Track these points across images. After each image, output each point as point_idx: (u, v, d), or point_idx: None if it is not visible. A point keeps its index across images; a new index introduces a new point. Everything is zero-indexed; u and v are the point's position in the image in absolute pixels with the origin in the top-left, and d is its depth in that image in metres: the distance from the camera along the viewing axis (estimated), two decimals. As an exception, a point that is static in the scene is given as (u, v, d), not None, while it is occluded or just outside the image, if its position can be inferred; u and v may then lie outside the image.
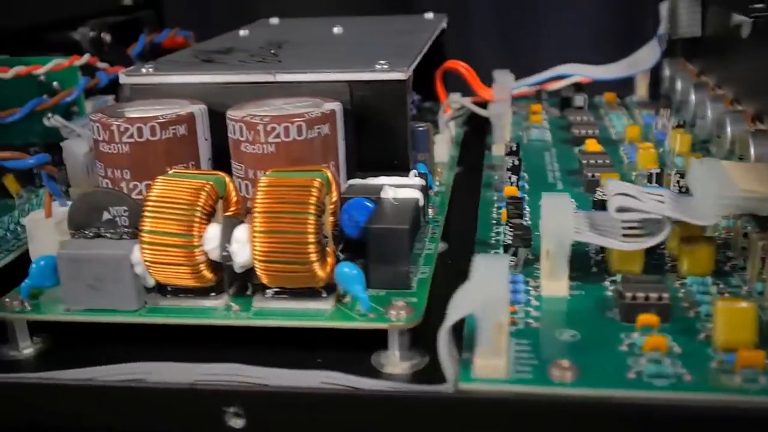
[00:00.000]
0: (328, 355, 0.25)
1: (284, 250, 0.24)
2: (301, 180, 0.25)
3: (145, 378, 0.23)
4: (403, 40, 0.40)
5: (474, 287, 0.21)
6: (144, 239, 0.25)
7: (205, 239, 0.25)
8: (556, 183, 0.37)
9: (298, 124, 0.28)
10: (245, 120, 0.28)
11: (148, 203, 0.25)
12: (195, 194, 0.25)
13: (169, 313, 0.26)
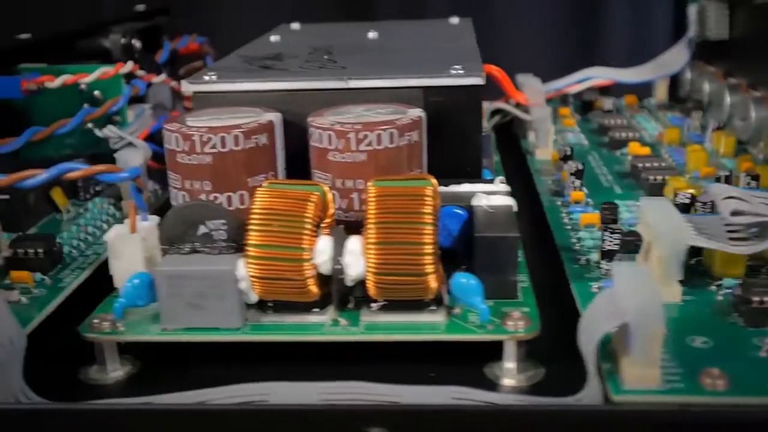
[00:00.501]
0: (434, 368, 0.25)
1: (400, 261, 0.23)
2: (413, 189, 0.24)
3: (265, 399, 0.22)
4: (454, 44, 0.40)
5: (622, 296, 0.20)
6: (251, 253, 0.24)
7: (317, 252, 0.24)
8: (612, 186, 0.37)
9: (390, 131, 0.27)
10: (335, 128, 0.27)
11: (253, 216, 0.24)
12: (303, 205, 0.24)
13: (273, 329, 0.25)
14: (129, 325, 0.25)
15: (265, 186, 0.25)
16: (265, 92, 0.31)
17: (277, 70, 0.34)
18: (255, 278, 0.24)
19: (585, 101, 0.52)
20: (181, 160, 0.28)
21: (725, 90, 0.44)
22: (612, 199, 0.35)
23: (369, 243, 0.24)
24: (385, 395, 0.22)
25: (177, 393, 0.23)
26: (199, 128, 0.28)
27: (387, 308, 0.25)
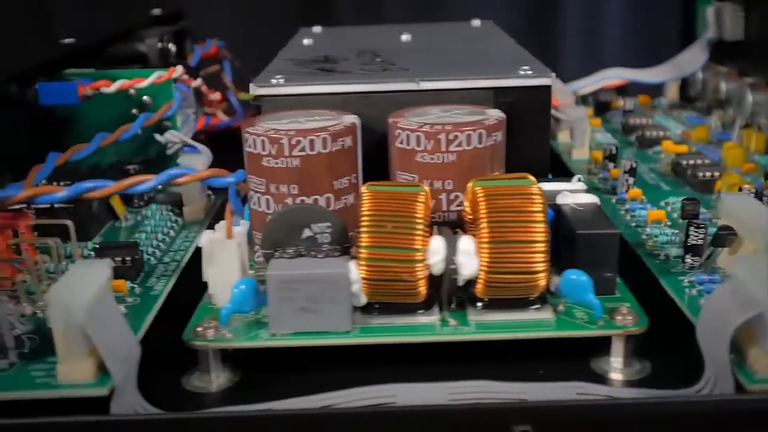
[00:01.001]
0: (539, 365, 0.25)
1: (513, 260, 0.24)
2: (521, 188, 0.25)
3: (391, 401, 0.22)
4: (496, 46, 0.40)
5: (753, 287, 0.21)
6: (363, 255, 0.24)
7: (431, 252, 0.24)
8: (659, 184, 0.38)
9: (479, 132, 0.28)
10: (424, 129, 0.27)
11: (364, 218, 0.24)
12: (414, 206, 0.24)
13: (384, 331, 0.25)
14: (234, 332, 0.25)
15: (370, 188, 0.25)
16: (335, 95, 0.31)
17: (340, 73, 0.34)
18: (367, 280, 0.24)
19: (601, 101, 0.54)
20: (266, 163, 0.28)
21: (747, 89, 0.46)
22: (662, 195, 0.37)
23: (482, 242, 0.24)
24: (510, 393, 0.23)
25: (299, 398, 0.23)
26: (287, 131, 0.28)
27: (490, 307, 0.25)
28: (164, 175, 0.24)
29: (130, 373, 0.22)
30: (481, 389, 0.23)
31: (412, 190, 0.25)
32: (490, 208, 0.24)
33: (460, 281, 0.24)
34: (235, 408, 0.22)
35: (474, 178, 0.26)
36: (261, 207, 0.29)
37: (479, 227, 0.24)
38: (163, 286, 0.27)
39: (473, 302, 0.25)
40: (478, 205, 0.24)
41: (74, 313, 0.21)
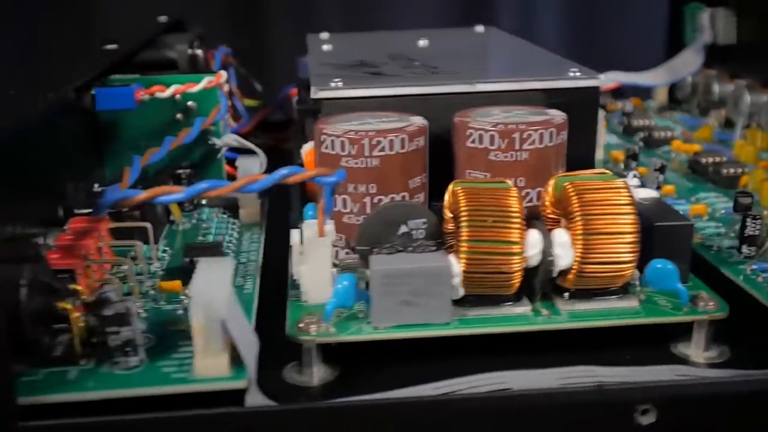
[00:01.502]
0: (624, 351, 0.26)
1: (606, 251, 0.25)
2: (608, 183, 0.26)
3: (504, 387, 0.23)
4: (521, 50, 0.42)
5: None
6: (464, 249, 0.25)
7: (528, 245, 0.25)
8: (681, 181, 0.40)
9: (550, 131, 0.29)
10: (498, 129, 0.29)
11: (463, 213, 0.25)
12: (509, 201, 0.25)
13: (481, 323, 0.25)
14: (336, 326, 0.25)
15: (463, 185, 0.26)
16: (395, 97, 0.32)
17: (391, 76, 0.34)
18: (468, 273, 0.25)
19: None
20: (345, 163, 0.28)
21: (744, 90, 0.48)
22: (688, 192, 0.39)
23: (577, 234, 0.25)
24: (617, 376, 0.24)
25: (414, 387, 0.23)
26: (367, 132, 0.28)
27: (576, 297, 0.26)
28: (277, 174, 0.24)
29: (254, 368, 0.22)
30: (587, 374, 0.24)
31: (503, 186, 0.26)
32: (582, 202, 0.25)
33: (554, 272, 0.26)
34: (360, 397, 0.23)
35: (554, 175, 0.27)
36: (337, 207, 0.29)
37: (573, 221, 0.25)
38: (253, 285, 0.28)
39: (559, 293, 0.27)
40: (569, 200, 0.25)
41: (215, 309, 0.21)
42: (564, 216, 0.26)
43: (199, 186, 0.23)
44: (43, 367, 0.22)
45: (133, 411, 0.21)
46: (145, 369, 0.22)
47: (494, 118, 0.30)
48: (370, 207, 0.29)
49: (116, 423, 0.21)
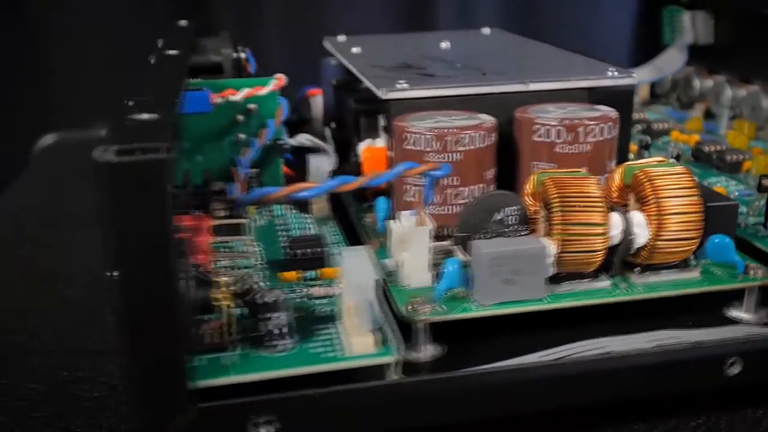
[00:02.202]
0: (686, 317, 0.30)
1: (677, 228, 0.28)
2: (673, 169, 0.29)
3: (607, 350, 0.26)
4: (545, 51, 0.45)
5: None
6: (557, 232, 0.28)
7: (612, 226, 0.28)
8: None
9: (609, 125, 0.32)
10: (565, 123, 0.32)
11: (555, 201, 0.28)
12: (592, 187, 0.28)
13: (570, 297, 0.28)
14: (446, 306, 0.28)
15: (549, 175, 0.29)
16: (459, 97, 0.35)
17: (447, 77, 0.37)
18: (561, 254, 0.28)
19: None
20: (429, 158, 0.31)
21: (725, 85, 0.53)
22: (699, 178, 0.42)
23: (652, 216, 0.28)
24: (699, 337, 0.27)
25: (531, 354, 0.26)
26: (450, 129, 0.31)
27: (645, 271, 0.30)
28: (399, 168, 0.27)
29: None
30: (672, 336, 0.27)
31: (584, 175, 0.29)
32: (654, 187, 0.29)
33: (632, 250, 0.29)
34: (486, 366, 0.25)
35: (622, 165, 0.30)
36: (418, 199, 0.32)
37: (647, 203, 0.29)
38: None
39: (630, 268, 0.30)
40: (642, 186, 0.29)
41: (365, 292, 0.23)
42: (637, 200, 0.29)
43: (331, 183, 0.25)
44: (198, 354, 0.24)
45: (285, 390, 0.24)
46: (298, 351, 0.24)
47: (554, 114, 0.33)
48: (451, 198, 0.32)
49: (295, 398, 0.23)
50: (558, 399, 0.26)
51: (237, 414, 0.23)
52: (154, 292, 0.20)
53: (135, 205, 0.20)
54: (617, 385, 0.26)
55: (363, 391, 0.24)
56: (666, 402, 0.28)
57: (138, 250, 0.20)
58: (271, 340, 0.24)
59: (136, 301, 0.21)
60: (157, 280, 0.20)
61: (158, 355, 0.21)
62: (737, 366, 0.26)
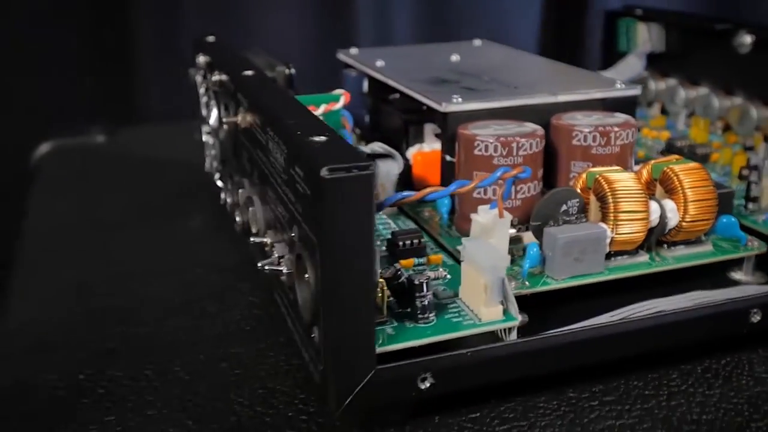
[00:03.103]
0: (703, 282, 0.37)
1: (700, 212, 0.36)
2: (690, 165, 0.37)
3: (659, 310, 0.33)
4: (542, 62, 0.52)
5: None
6: (612, 218, 0.34)
7: (652, 212, 0.35)
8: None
9: (633, 130, 0.39)
10: (599, 130, 0.39)
11: (609, 193, 0.35)
12: (636, 182, 0.35)
13: (623, 269, 0.35)
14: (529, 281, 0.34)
15: (599, 173, 0.36)
16: (501, 108, 0.41)
17: (487, 91, 0.43)
18: (616, 236, 0.35)
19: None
20: (496, 162, 0.37)
21: (679, 87, 0.62)
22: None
23: (680, 203, 0.36)
24: (725, 294, 0.35)
25: (601, 315, 0.33)
26: (514, 136, 0.37)
27: (671, 246, 0.37)
28: (498, 172, 0.33)
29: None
30: (703, 296, 0.35)
31: (624, 172, 0.36)
32: (680, 179, 0.36)
33: (666, 230, 0.36)
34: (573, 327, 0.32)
35: (649, 163, 0.38)
36: (487, 194, 0.38)
37: (675, 193, 0.36)
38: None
39: (662, 245, 0.37)
40: (671, 180, 0.36)
41: (499, 270, 0.29)
42: (666, 190, 0.37)
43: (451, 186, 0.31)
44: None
45: (427, 354, 0.29)
46: (441, 321, 0.30)
47: (585, 122, 0.40)
48: (513, 194, 0.38)
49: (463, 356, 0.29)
50: (624, 349, 0.33)
51: (405, 373, 0.28)
52: (359, 275, 0.26)
53: (352, 208, 0.25)
54: (668, 336, 0.33)
55: (496, 349, 0.30)
56: (703, 346, 0.35)
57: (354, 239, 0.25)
58: (423, 313, 0.30)
59: (345, 284, 0.26)
60: (364, 266, 0.26)
61: (358, 327, 0.27)
62: (758, 315, 0.33)
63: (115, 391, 0.33)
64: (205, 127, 0.52)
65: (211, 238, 0.49)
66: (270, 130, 0.33)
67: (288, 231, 0.30)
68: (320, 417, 0.31)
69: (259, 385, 0.33)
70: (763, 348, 0.35)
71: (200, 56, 0.51)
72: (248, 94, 0.38)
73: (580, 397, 0.32)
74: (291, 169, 0.29)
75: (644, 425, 0.30)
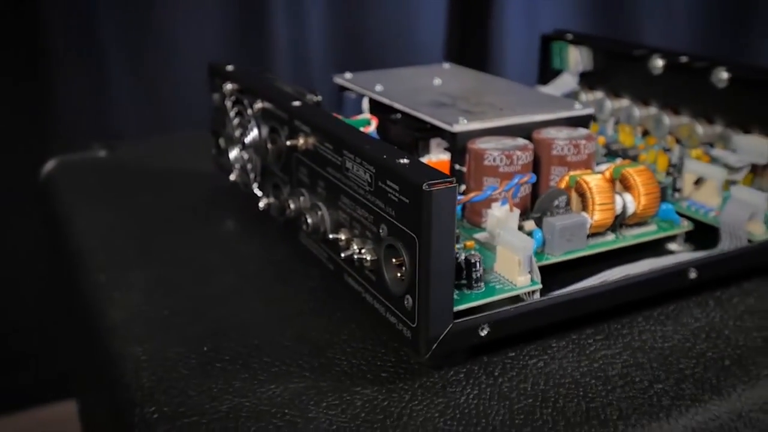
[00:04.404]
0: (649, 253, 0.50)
1: (651, 201, 0.49)
2: (640, 167, 0.49)
3: (631, 273, 0.46)
4: (510, 85, 0.64)
5: (751, 198, 0.49)
6: (591, 209, 0.47)
7: (617, 204, 0.48)
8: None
9: (594, 142, 0.52)
10: (573, 143, 0.51)
11: (589, 191, 0.47)
12: (607, 182, 0.47)
13: (598, 246, 0.48)
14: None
15: (578, 177, 0.48)
16: (504, 127, 0.52)
17: (481, 113, 0.54)
18: (595, 222, 0.47)
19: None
20: (502, 170, 0.49)
21: (606, 99, 0.75)
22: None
23: (636, 195, 0.48)
24: (667, 261, 0.47)
25: (587, 279, 0.45)
26: (514, 149, 0.49)
27: (629, 228, 0.50)
28: (516, 179, 0.44)
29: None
30: (654, 262, 0.48)
31: (598, 174, 0.48)
32: (635, 178, 0.49)
33: (626, 217, 0.49)
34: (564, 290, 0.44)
35: (611, 166, 0.50)
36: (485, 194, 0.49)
37: (633, 188, 0.48)
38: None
39: (622, 227, 0.50)
40: (629, 178, 0.49)
41: (528, 250, 0.41)
42: (625, 187, 0.49)
43: (486, 192, 0.42)
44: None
45: (477, 313, 0.41)
46: (489, 287, 0.42)
47: (561, 135, 0.52)
48: (514, 194, 0.50)
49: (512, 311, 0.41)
50: (605, 303, 0.45)
51: (471, 324, 0.39)
52: (445, 258, 0.37)
53: (442, 211, 0.36)
54: (633, 292, 0.46)
55: (528, 305, 0.41)
56: (657, 297, 0.48)
57: (443, 233, 0.36)
58: (477, 282, 0.41)
59: (436, 265, 0.37)
60: (448, 252, 0.37)
61: (443, 294, 0.37)
62: (694, 273, 0.47)
63: (240, 356, 0.42)
64: (235, 144, 0.61)
65: (252, 237, 0.58)
66: (348, 152, 0.43)
67: (373, 229, 0.41)
68: (402, 365, 0.42)
69: (346, 346, 0.43)
70: (696, 296, 0.48)
71: (228, 84, 0.60)
72: (309, 122, 0.48)
73: (579, 338, 0.44)
74: (381, 183, 0.39)
75: (626, 352, 0.43)
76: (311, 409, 0.38)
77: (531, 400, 0.39)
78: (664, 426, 0.37)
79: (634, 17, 1.34)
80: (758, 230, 0.50)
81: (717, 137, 0.64)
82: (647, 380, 0.40)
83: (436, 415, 0.38)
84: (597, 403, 0.39)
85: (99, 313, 0.49)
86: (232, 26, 1.07)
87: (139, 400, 0.39)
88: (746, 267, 0.50)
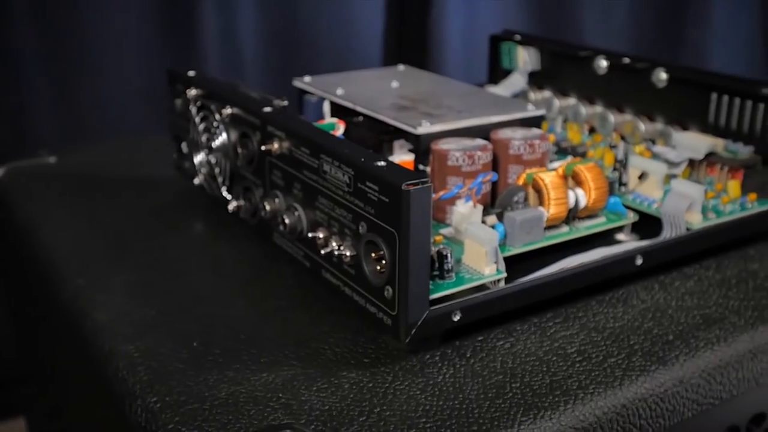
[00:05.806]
0: (600, 242, 0.58)
1: (600, 196, 0.56)
2: (590, 164, 0.57)
3: (588, 260, 0.53)
4: (467, 88, 0.70)
5: (688, 190, 0.57)
6: (547, 204, 0.54)
7: (570, 199, 0.55)
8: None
9: (547, 141, 0.59)
10: (529, 142, 0.58)
11: (546, 187, 0.54)
12: (561, 179, 0.55)
13: (555, 237, 0.55)
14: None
15: (535, 174, 0.55)
16: (460, 129, 0.59)
17: (442, 115, 0.61)
18: (550, 216, 0.54)
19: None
20: (464, 169, 0.55)
21: (553, 98, 0.83)
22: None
23: (587, 190, 0.56)
24: (619, 248, 0.55)
25: (544, 269, 0.52)
26: (474, 149, 0.55)
27: (583, 220, 0.57)
28: (480, 177, 0.51)
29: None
30: (604, 251, 0.55)
31: (552, 171, 0.55)
32: (586, 174, 0.56)
33: (578, 210, 0.56)
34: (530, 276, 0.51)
35: (564, 163, 0.57)
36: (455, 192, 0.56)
37: (584, 183, 0.56)
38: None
39: (575, 219, 0.57)
40: (581, 174, 0.56)
41: (493, 242, 0.48)
42: (576, 183, 0.56)
43: (454, 190, 0.49)
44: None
45: (449, 300, 0.47)
46: (460, 277, 0.48)
47: (516, 135, 0.59)
48: (477, 191, 0.56)
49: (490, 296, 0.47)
50: (563, 288, 0.52)
51: (445, 311, 0.46)
52: (422, 251, 0.43)
53: (419, 208, 0.42)
54: (587, 278, 0.53)
55: (495, 292, 0.48)
56: (607, 283, 0.55)
57: (420, 229, 0.43)
58: (448, 272, 0.47)
59: (414, 257, 0.43)
60: (425, 246, 0.43)
61: (420, 284, 0.44)
62: (640, 259, 0.54)
63: (230, 349, 0.48)
64: (200, 149, 0.66)
65: (222, 238, 0.64)
66: (326, 156, 0.49)
67: (352, 226, 0.47)
68: (381, 351, 0.48)
69: (328, 337, 0.49)
70: (642, 281, 0.56)
71: (192, 90, 0.65)
72: (283, 127, 0.54)
73: (540, 321, 0.51)
74: (360, 184, 0.46)
75: (583, 332, 0.50)
76: (303, 393, 0.44)
77: (501, 376, 0.46)
78: (618, 393, 0.45)
79: (573, 10, 1.44)
80: (696, 219, 0.59)
81: (658, 134, 0.72)
82: (602, 355, 0.48)
83: (417, 392, 0.44)
84: (559, 376, 0.46)
85: (82, 315, 0.53)
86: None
87: (139, 392, 0.44)
88: (686, 253, 0.58)
